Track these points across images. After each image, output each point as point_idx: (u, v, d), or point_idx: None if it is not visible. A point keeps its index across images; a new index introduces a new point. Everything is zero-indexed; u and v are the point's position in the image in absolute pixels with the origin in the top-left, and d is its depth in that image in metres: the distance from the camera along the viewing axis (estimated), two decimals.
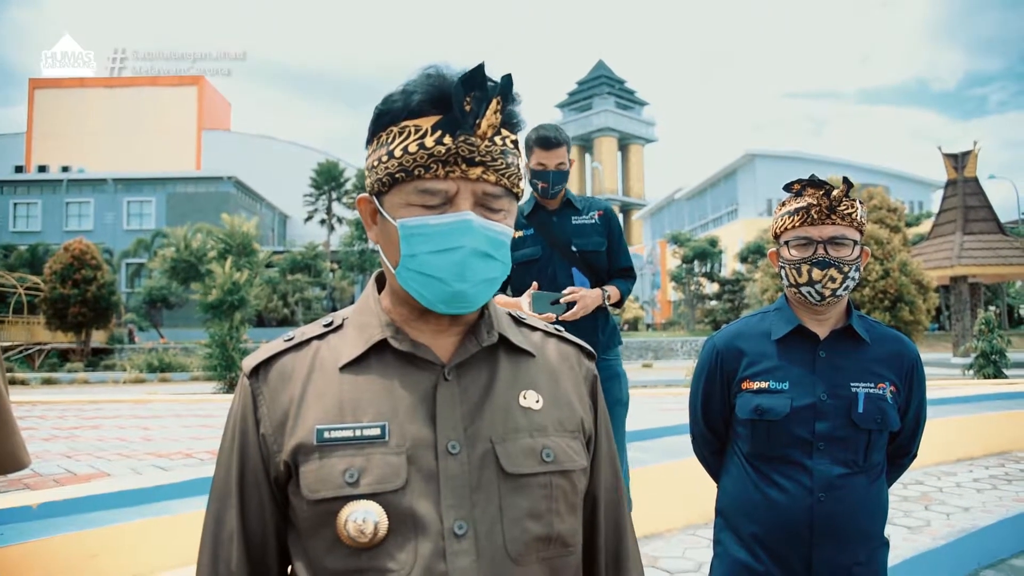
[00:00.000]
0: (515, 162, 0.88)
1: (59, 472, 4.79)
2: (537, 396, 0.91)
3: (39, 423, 7.49)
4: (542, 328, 1.01)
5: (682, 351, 31.90)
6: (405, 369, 0.88)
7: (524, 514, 0.84)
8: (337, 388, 0.87)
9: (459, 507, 0.82)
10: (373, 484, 0.81)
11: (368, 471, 0.82)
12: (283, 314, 39.54)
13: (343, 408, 0.85)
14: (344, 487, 0.81)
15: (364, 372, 0.88)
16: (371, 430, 0.84)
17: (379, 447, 0.83)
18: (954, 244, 23.62)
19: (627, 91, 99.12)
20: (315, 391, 0.87)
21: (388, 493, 0.81)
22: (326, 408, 0.85)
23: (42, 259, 36.34)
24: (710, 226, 59.13)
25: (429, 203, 0.84)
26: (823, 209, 1.62)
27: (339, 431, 0.83)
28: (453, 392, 0.87)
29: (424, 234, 0.84)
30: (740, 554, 1.68)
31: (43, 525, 2.99)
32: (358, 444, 0.83)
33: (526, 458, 0.86)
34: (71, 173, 50.34)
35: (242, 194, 51.76)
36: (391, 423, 0.84)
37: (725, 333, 1.81)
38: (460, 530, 0.81)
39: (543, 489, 0.86)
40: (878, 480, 1.67)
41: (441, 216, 0.84)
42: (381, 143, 0.87)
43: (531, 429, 0.88)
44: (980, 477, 5.73)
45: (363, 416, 0.84)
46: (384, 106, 0.87)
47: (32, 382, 19.39)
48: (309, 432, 0.84)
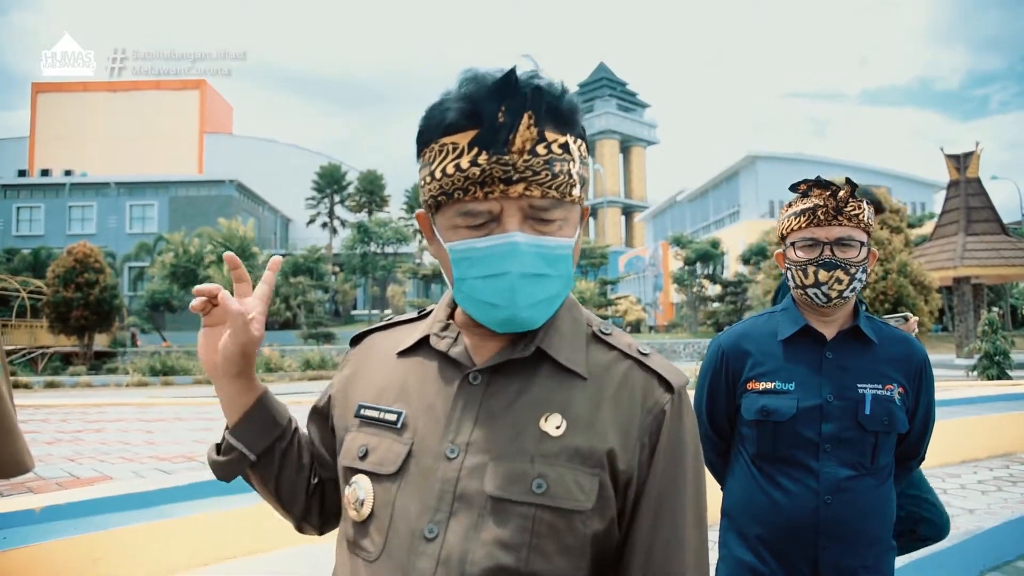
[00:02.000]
0: (565, 168, 0.81)
1: (62, 476, 4.79)
2: (561, 421, 0.82)
3: (42, 427, 7.49)
4: (622, 349, 0.90)
5: (685, 353, 31.86)
6: (443, 366, 0.90)
7: (494, 539, 0.78)
8: (389, 372, 0.94)
9: (438, 511, 0.81)
10: (373, 464, 0.86)
11: (374, 451, 0.87)
12: (285, 317, 39.55)
13: (383, 391, 0.92)
14: (356, 460, 0.88)
15: (410, 362, 0.93)
16: (389, 415, 0.89)
17: (391, 432, 0.87)
18: (957, 245, 23.57)
19: (628, 93, 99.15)
20: (375, 370, 0.95)
21: (381, 476, 0.85)
22: (371, 388, 0.93)
23: (45, 263, 36.35)
24: (712, 228, 59.06)
25: (474, 223, 0.81)
26: (829, 210, 1.61)
27: (370, 410, 0.91)
28: (475, 397, 0.85)
29: (471, 259, 0.82)
30: (745, 556, 1.67)
31: (46, 529, 2.99)
32: (377, 425, 0.89)
33: (513, 483, 0.80)
34: (74, 177, 50.49)
35: (244, 197, 51.84)
36: (410, 413, 0.88)
37: (731, 333, 1.80)
38: (431, 534, 0.80)
39: (523, 520, 0.79)
40: (886, 483, 1.65)
41: (487, 239, 0.81)
42: (425, 162, 0.84)
43: (536, 454, 0.81)
44: (985, 479, 5.71)
45: (393, 402, 0.90)
46: (423, 123, 0.84)
47: (35, 386, 19.39)
48: (354, 406, 0.93)
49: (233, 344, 0.91)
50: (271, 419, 0.97)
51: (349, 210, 48.07)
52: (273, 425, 0.97)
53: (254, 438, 0.96)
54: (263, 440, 0.97)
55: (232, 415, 0.96)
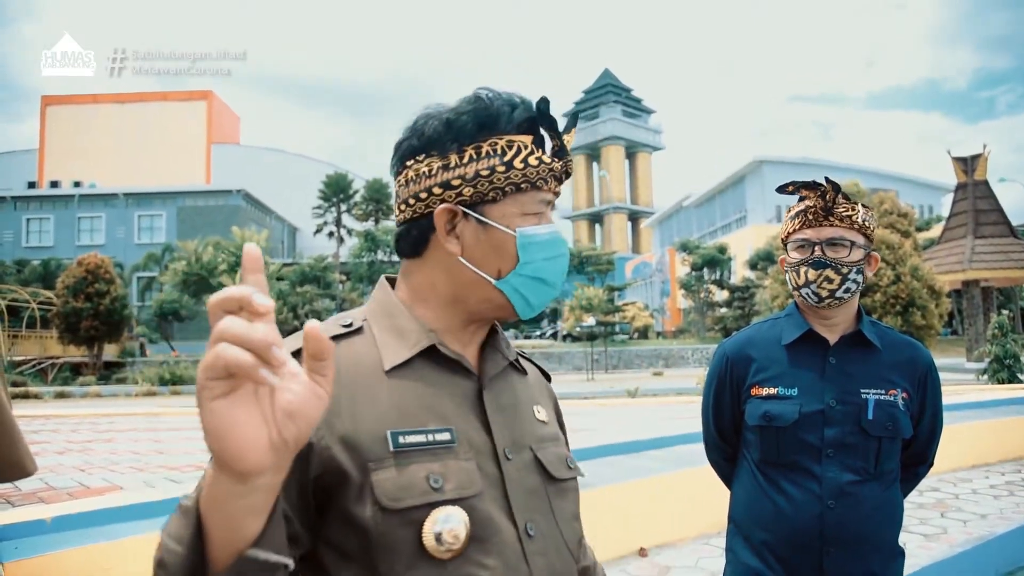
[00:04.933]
0: None
1: (72, 485, 4.82)
2: (543, 410, 0.99)
3: (52, 437, 7.53)
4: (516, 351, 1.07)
5: (693, 359, 31.79)
6: (448, 376, 0.88)
7: (570, 516, 0.93)
8: (389, 392, 0.83)
9: (524, 510, 0.86)
10: (457, 489, 0.79)
11: (448, 477, 0.80)
12: (292, 326, 39.65)
13: (404, 413, 0.82)
14: (431, 492, 0.78)
15: (411, 377, 0.85)
16: (441, 435, 0.82)
17: (451, 453, 0.82)
18: (965, 248, 23.46)
19: (633, 99, 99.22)
20: (365, 393, 0.82)
21: (470, 498, 0.80)
22: (385, 412, 0.81)
23: (55, 274, 36.60)
24: (719, 233, 58.97)
25: (539, 211, 0.91)
26: (819, 211, 1.63)
27: (413, 436, 0.80)
28: (492, 399, 0.90)
29: (539, 242, 0.90)
30: (752, 562, 1.67)
31: (57, 538, 3.00)
32: (432, 450, 0.81)
33: (561, 464, 0.94)
34: (83, 188, 50.80)
35: (252, 207, 52.07)
36: (455, 430, 0.84)
37: (735, 340, 1.81)
38: (532, 531, 0.85)
39: (575, 493, 0.95)
40: (891, 488, 1.64)
41: (548, 226, 0.92)
42: (485, 154, 0.87)
43: (550, 439, 0.96)
44: (997, 483, 5.67)
45: (425, 422, 0.82)
46: (479, 116, 0.88)
47: (45, 396, 19.50)
48: (376, 438, 0.79)
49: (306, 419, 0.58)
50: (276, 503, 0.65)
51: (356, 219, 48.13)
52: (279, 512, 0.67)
53: (281, 539, 0.65)
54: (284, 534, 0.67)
55: (256, 522, 0.61)
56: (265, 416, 0.55)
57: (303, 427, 0.57)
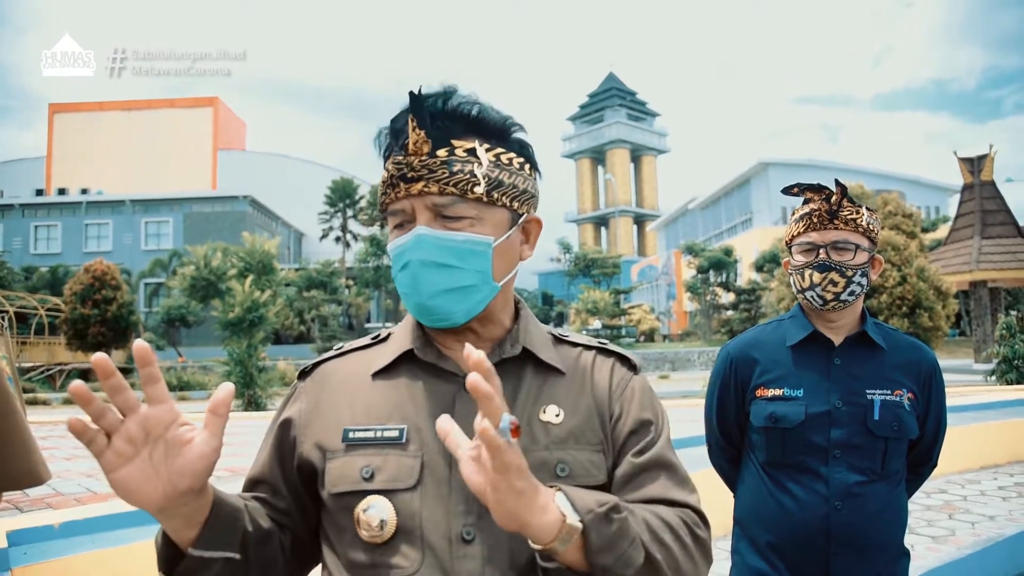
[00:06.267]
0: (468, 169, 0.87)
1: (80, 492, 4.83)
2: (558, 410, 0.91)
3: (60, 443, 7.55)
4: (583, 343, 1.01)
5: (699, 361, 31.68)
6: (430, 379, 0.92)
7: None
8: (367, 394, 0.93)
9: (468, 514, 0.85)
10: (386, 481, 0.86)
11: (383, 469, 0.86)
12: (299, 331, 39.71)
13: (369, 412, 0.91)
14: (360, 482, 0.86)
15: (393, 380, 0.93)
16: (390, 432, 0.88)
17: (396, 449, 0.88)
18: (972, 248, 23.34)
19: (638, 102, 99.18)
20: (348, 395, 0.93)
21: (400, 491, 0.85)
22: (355, 411, 0.92)
23: (62, 280, 36.74)
24: (724, 236, 58.83)
25: (396, 223, 0.91)
26: (823, 214, 1.63)
27: (362, 432, 0.89)
28: (468, 403, 0.87)
29: (392, 255, 0.91)
30: (758, 563, 1.66)
31: (65, 544, 3.01)
32: (378, 445, 0.88)
33: (537, 472, 0.83)
34: (90, 195, 51.12)
35: (258, 213, 52.27)
36: (411, 428, 0.89)
37: (739, 341, 1.81)
38: (468, 535, 0.84)
39: None
40: (897, 488, 1.64)
41: (401, 236, 0.90)
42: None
43: (548, 443, 0.89)
44: (1005, 485, 5.64)
45: (387, 420, 0.90)
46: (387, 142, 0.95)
47: (53, 402, 19.57)
48: (336, 433, 0.90)
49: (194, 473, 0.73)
50: (228, 502, 0.83)
51: (361, 224, 48.24)
52: (235, 508, 0.84)
53: (228, 537, 0.81)
54: (235, 532, 0.82)
55: (189, 532, 0.78)
56: (159, 476, 0.72)
57: (194, 480, 0.73)
